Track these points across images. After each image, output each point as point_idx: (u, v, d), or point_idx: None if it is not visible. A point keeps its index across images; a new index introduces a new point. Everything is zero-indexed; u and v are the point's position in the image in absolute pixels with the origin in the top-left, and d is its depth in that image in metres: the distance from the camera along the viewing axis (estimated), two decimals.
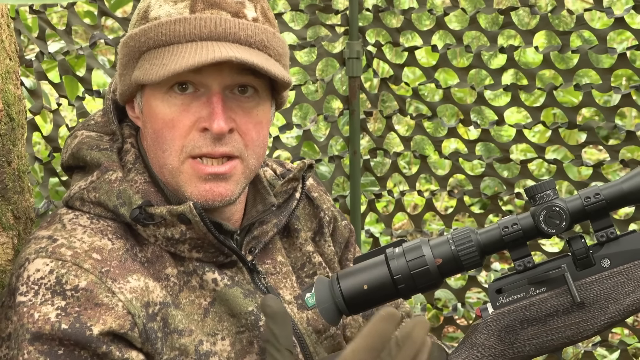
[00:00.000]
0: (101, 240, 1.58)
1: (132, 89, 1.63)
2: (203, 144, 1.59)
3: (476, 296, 3.82)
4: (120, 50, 1.65)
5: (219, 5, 1.59)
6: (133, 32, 1.61)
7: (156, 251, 1.62)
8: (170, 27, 1.58)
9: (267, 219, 1.72)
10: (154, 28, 1.58)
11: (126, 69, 1.63)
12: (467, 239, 1.47)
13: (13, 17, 2.28)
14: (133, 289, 1.55)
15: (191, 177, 1.61)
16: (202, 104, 1.59)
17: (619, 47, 4.78)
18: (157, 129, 1.61)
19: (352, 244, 1.91)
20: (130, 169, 1.65)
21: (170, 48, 1.57)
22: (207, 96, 1.59)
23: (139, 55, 1.60)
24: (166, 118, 1.59)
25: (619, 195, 1.47)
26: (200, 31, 1.57)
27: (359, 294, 1.49)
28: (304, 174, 1.74)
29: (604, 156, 4.93)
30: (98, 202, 1.62)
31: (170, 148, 1.60)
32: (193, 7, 1.58)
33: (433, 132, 3.39)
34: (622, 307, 1.46)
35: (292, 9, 2.99)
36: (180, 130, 1.59)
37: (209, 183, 1.60)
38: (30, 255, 1.57)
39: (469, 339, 1.50)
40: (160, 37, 1.58)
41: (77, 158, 1.68)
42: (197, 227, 1.59)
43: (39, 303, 1.51)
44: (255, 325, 1.65)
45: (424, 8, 2.94)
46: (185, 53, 1.55)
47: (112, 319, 1.51)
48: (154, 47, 1.58)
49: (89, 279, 1.53)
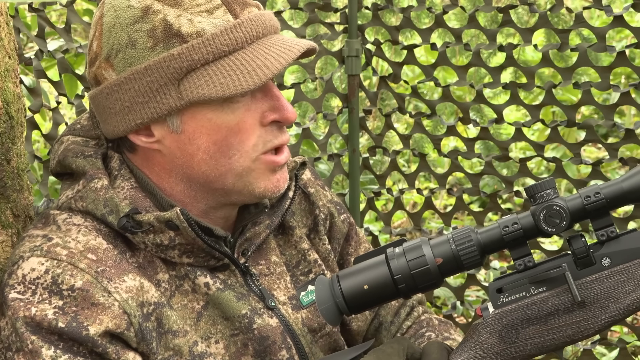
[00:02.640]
0: (96, 239, 1.58)
1: (169, 113, 1.57)
2: (273, 137, 1.61)
3: (475, 294, 3.82)
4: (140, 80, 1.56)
5: (247, 3, 1.60)
6: (171, 53, 1.54)
7: (147, 256, 1.62)
8: (229, 35, 1.55)
9: (260, 220, 1.72)
10: (209, 42, 1.54)
11: (157, 95, 1.56)
12: (468, 238, 1.47)
13: (12, 15, 2.28)
14: (129, 288, 1.55)
15: (264, 172, 1.62)
16: (260, 100, 1.60)
17: (618, 45, 4.79)
18: (218, 139, 1.58)
19: (353, 237, 1.91)
20: (117, 175, 1.64)
21: (235, 56, 1.55)
22: (262, 91, 1.60)
23: (184, 75, 1.54)
24: (231, 124, 1.58)
25: (619, 194, 1.46)
26: (257, 32, 1.58)
27: (360, 294, 1.49)
28: (297, 172, 1.74)
29: (603, 154, 4.93)
30: (86, 211, 1.61)
31: (240, 151, 1.59)
32: (233, 11, 1.57)
33: (432, 130, 3.39)
34: (623, 305, 1.46)
35: (291, 7, 2.98)
36: (248, 131, 1.59)
37: (278, 173, 1.64)
38: (24, 254, 1.56)
39: (469, 339, 1.50)
40: (221, 48, 1.54)
41: (64, 166, 1.67)
42: (185, 232, 1.58)
43: (36, 301, 1.51)
44: (249, 328, 1.65)
45: (423, 6, 2.94)
46: (263, 56, 1.55)
47: (108, 318, 1.51)
48: (213, 60, 1.55)
49: (85, 279, 1.52)
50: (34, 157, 2.52)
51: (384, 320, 1.89)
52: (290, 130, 3.09)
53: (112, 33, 1.57)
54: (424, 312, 1.93)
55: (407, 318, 1.91)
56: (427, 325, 1.88)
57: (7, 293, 1.54)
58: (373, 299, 1.49)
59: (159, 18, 1.55)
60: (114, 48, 1.57)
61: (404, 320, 1.90)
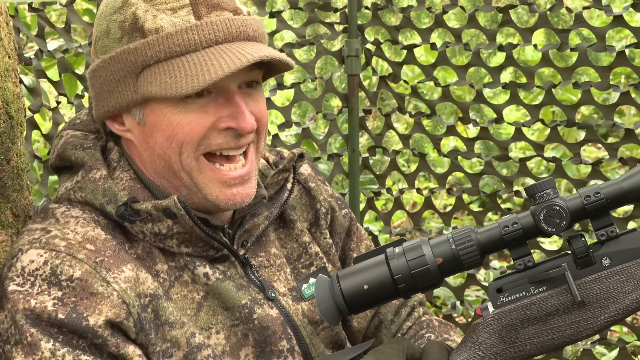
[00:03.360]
0: (94, 230, 1.59)
1: (129, 104, 1.61)
2: (224, 142, 1.60)
3: (475, 294, 3.82)
4: (106, 69, 1.60)
5: (219, 6, 1.59)
6: (130, 47, 1.57)
7: (146, 247, 1.62)
8: (183, 36, 1.56)
9: (258, 211, 1.72)
10: (163, 40, 1.56)
11: (119, 86, 1.60)
12: (467, 238, 1.47)
13: (12, 15, 2.28)
14: (127, 278, 1.56)
15: (212, 181, 1.62)
16: (221, 105, 1.60)
17: (617, 45, 4.79)
18: (171, 134, 1.59)
19: (354, 232, 1.91)
20: (115, 167, 1.65)
21: (187, 57, 1.56)
22: (224, 97, 1.60)
23: (140, 69, 1.57)
24: (183, 122, 1.59)
25: (618, 193, 1.46)
26: (216, 36, 1.57)
27: (360, 294, 1.49)
28: (295, 163, 1.75)
29: (602, 154, 4.93)
30: (85, 201, 1.62)
31: (187, 149, 1.60)
32: (197, 12, 1.57)
33: (432, 130, 3.40)
34: (623, 305, 1.46)
35: (291, 7, 2.98)
36: (198, 132, 1.59)
37: (235, 187, 1.63)
38: (23, 246, 1.57)
39: (469, 338, 1.50)
40: (173, 47, 1.55)
41: (63, 158, 1.69)
42: (183, 220, 1.59)
43: (35, 293, 1.52)
44: (249, 318, 1.65)
45: (423, 6, 2.94)
46: (211, 61, 1.54)
47: (107, 307, 1.52)
48: (165, 59, 1.56)
49: (84, 269, 1.53)
50: (33, 157, 2.51)
51: (385, 319, 1.90)
52: (290, 130, 3.08)
53: (99, 21, 1.63)
54: (424, 313, 1.93)
55: (407, 318, 1.91)
56: (427, 327, 1.88)
57: (7, 286, 1.54)
58: (373, 298, 1.49)
59: (130, 11, 1.58)
60: (97, 35, 1.62)
61: (405, 320, 1.90)
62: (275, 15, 2.89)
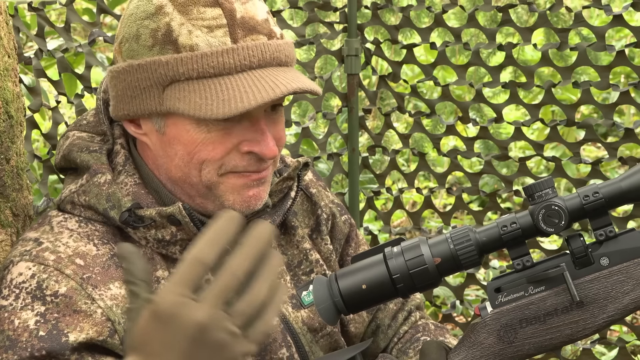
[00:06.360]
0: (86, 246, 1.58)
1: (152, 114, 1.58)
2: (247, 165, 1.59)
3: (474, 293, 3.82)
4: (133, 74, 1.57)
5: (255, 30, 1.56)
6: (161, 59, 1.54)
7: (147, 253, 1.62)
8: (218, 59, 1.53)
9: (262, 218, 1.72)
10: (197, 59, 1.52)
11: (144, 94, 1.57)
12: (466, 238, 1.47)
13: (12, 14, 2.28)
14: (114, 296, 1.55)
15: (234, 187, 1.60)
16: (245, 128, 1.57)
17: (617, 44, 4.79)
18: (192, 151, 1.57)
19: (353, 238, 1.91)
20: (120, 171, 1.64)
21: (220, 80, 1.53)
22: (249, 121, 1.57)
23: (169, 83, 1.54)
24: (206, 142, 1.56)
25: (617, 193, 1.46)
26: (250, 62, 1.54)
27: (358, 294, 1.48)
28: (300, 172, 1.74)
29: (602, 153, 4.93)
30: (88, 205, 1.62)
31: (208, 167, 1.58)
32: (233, 35, 1.54)
33: (432, 129, 3.39)
34: (622, 305, 1.46)
35: (290, 7, 2.98)
36: (221, 152, 1.57)
37: (253, 189, 1.61)
38: (15, 258, 1.57)
39: (467, 338, 1.50)
40: (207, 69, 1.52)
41: (69, 160, 1.68)
42: (187, 227, 1.59)
43: (19, 308, 1.51)
44: None
45: (423, 5, 2.94)
46: (244, 87, 1.51)
47: (89, 326, 1.51)
48: (196, 77, 1.53)
49: (69, 285, 1.52)
50: (33, 156, 2.51)
51: (382, 324, 1.90)
52: (290, 129, 3.09)
53: (128, 21, 1.59)
54: (421, 317, 1.93)
55: (404, 323, 1.91)
56: (424, 330, 1.88)
57: None
58: (371, 298, 1.49)
59: (165, 21, 1.55)
60: (125, 36, 1.59)
61: (401, 324, 1.91)
62: (275, 15, 2.89)
